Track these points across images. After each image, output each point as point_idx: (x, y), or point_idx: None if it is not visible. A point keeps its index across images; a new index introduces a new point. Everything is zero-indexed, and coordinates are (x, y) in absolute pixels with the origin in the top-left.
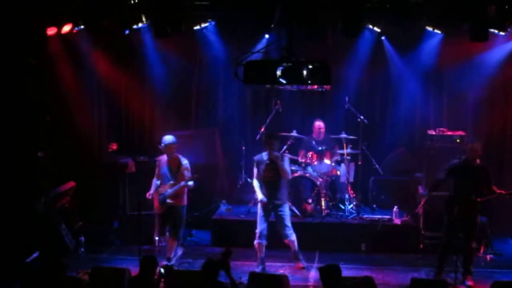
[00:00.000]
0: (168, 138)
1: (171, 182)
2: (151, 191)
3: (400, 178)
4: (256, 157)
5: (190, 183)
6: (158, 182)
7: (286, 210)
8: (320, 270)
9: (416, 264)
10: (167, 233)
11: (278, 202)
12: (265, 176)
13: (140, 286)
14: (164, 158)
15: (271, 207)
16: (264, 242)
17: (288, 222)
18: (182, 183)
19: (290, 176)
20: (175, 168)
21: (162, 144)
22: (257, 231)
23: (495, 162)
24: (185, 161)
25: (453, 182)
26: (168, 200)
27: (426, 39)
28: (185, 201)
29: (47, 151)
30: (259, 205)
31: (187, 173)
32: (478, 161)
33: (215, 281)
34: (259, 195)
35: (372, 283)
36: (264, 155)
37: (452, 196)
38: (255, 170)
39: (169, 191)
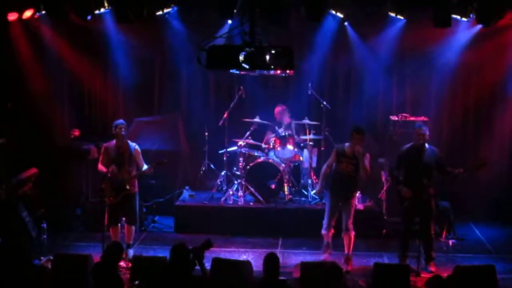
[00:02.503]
0: (118, 120)
1: (126, 167)
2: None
3: None
4: (339, 146)
5: (145, 167)
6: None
7: (353, 204)
8: (264, 258)
9: (379, 249)
10: (124, 221)
11: (349, 195)
12: (342, 168)
13: (103, 272)
14: (111, 144)
15: (341, 199)
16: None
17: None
18: (145, 167)
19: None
20: (126, 153)
21: (113, 127)
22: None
23: (458, 144)
24: (136, 146)
25: (403, 168)
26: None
27: (389, 25)
28: (137, 187)
29: (9, 138)
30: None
31: (141, 157)
32: (426, 145)
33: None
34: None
35: (337, 267)
36: (346, 147)
37: (403, 181)
38: (332, 158)
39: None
